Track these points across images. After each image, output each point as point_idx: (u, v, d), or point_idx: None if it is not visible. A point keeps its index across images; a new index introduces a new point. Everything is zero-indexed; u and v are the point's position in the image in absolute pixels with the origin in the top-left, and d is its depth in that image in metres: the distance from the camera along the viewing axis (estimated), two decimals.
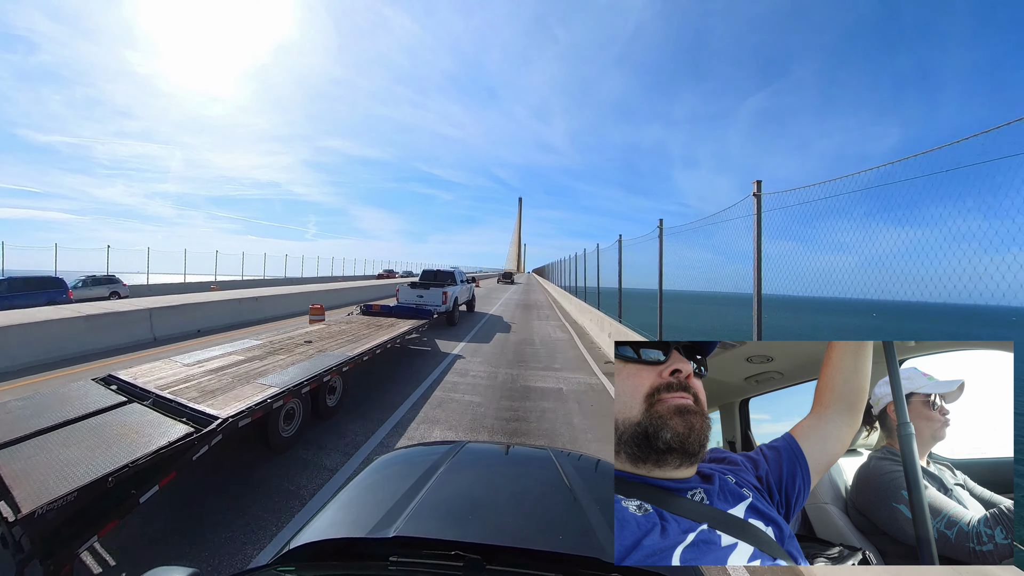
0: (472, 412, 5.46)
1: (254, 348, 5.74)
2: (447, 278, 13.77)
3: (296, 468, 3.81)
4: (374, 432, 4.70)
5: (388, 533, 1.16)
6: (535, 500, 1.47)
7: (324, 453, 4.15)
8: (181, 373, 4.36)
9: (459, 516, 1.32)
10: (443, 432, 4.80)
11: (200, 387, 3.96)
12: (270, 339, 6.41)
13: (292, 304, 15.19)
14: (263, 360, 5.12)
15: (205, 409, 3.34)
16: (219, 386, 4.03)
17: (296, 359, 5.21)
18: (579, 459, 1.82)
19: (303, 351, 5.71)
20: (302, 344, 6.15)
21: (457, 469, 1.63)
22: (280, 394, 3.88)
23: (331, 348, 5.98)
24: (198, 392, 3.80)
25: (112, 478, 2.36)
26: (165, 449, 2.71)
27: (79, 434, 2.87)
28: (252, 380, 4.24)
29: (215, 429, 3.08)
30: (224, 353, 5.34)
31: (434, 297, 12.22)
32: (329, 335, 7.00)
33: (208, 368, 4.61)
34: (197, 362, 4.82)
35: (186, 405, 3.42)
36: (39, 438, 2.79)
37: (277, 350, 5.70)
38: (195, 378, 4.22)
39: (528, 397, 6.21)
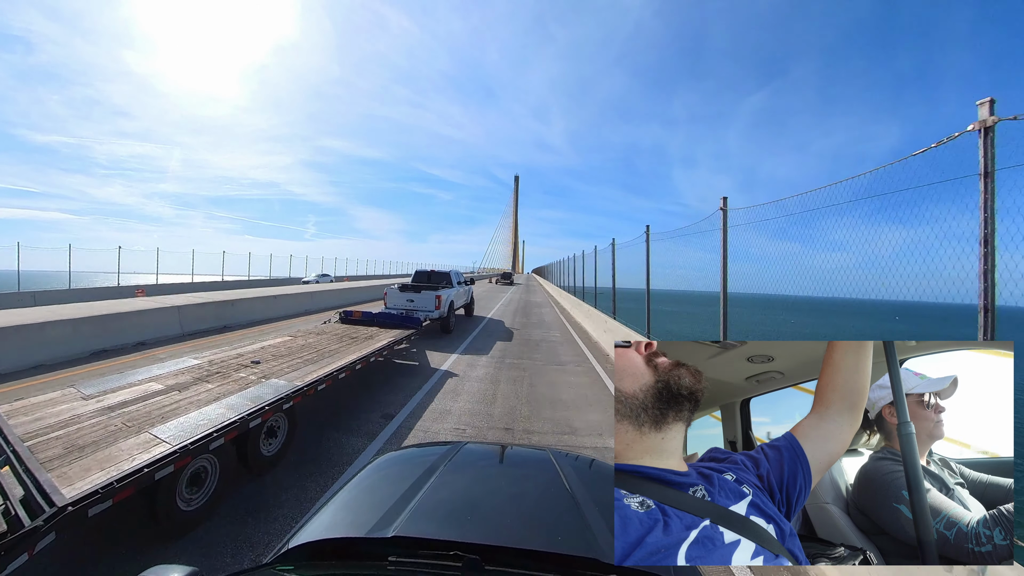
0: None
1: (184, 372, 4.62)
2: (442, 280, 12.50)
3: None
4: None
5: (387, 533, 1.15)
6: (534, 501, 1.47)
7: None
8: (68, 412, 3.38)
9: (458, 516, 1.32)
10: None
11: (67, 440, 2.93)
12: (211, 358, 5.26)
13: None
14: (184, 391, 4.00)
15: (46, 487, 2.33)
16: (96, 438, 2.98)
17: (228, 389, 4.08)
18: (578, 460, 1.82)
19: (242, 377, 4.50)
20: (247, 366, 4.96)
21: (456, 470, 1.63)
22: (169, 456, 2.76)
23: (282, 372, 4.76)
24: (61, 448, 2.81)
25: None
26: None
27: None
28: (144, 429, 3.14)
29: (35, 529, 2.04)
30: (144, 379, 4.28)
31: (426, 302, 10.68)
32: (288, 352, 5.79)
33: (104, 405, 3.59)
34: (97, 394, 3.80)
35: (25, 478, 2.45)
36: None
37: (212, 374, 4.58)
38: (73, 423, 3.20)
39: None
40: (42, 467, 2.55)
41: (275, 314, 13.78)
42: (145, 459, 2.70)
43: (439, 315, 10.70)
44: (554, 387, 6.84)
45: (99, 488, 2.36)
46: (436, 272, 13.10)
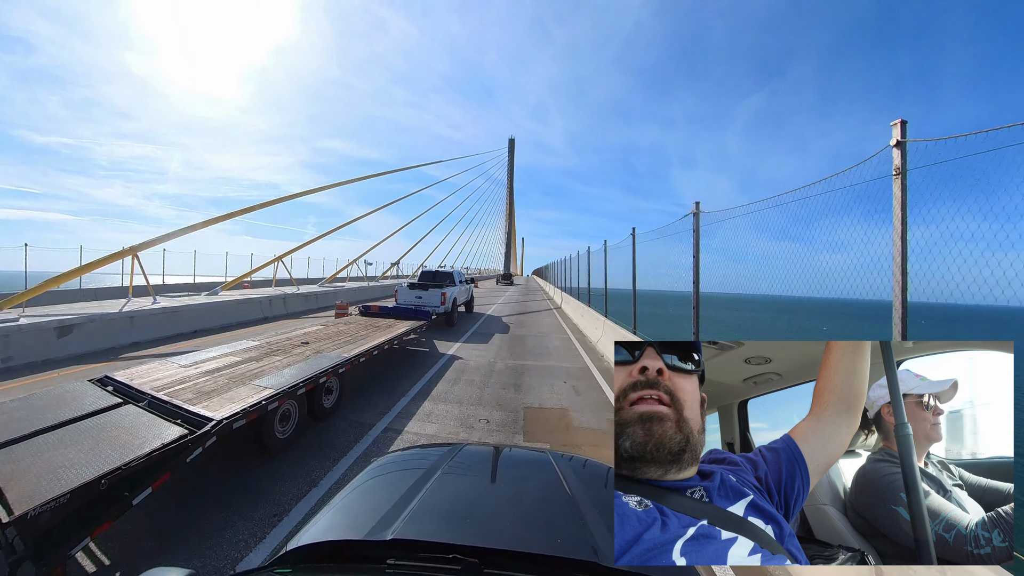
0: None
1: (251, 349, 5.76)
2: (446, 279, 13.70)
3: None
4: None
5: (385, 536, 1.15)
6: (533, 503, 1.47)
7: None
8: (178, 375, 4.37)
9: (457, 519, 1.32)
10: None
11: (196, 389, 3.96)
12: (267, 340, 6.44)
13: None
14: (259, 361, 5.13)
15: (199, 411, 3.35)
16: (215, 387, 4.03)
17: (293, 360, 5.23)
18: (577, 461, 1.82)
19: (300, 352, 5.71)
20: (299, 345, 6.15)
21: (455, 471, 1.63)
22: (275, 395, 3.92)
23: (328, 349, 5.98)
24: (193, 394, 3.80)
25: (105, 480, 2.34)
26: (158, 451, 2.71)
27: (73, 436, 2.85)
28: (248, 382, 4.26)
29: (209, 431, 3.08)
30: (221, 354, 5.36)
31: (432, 298, 12.16)
32: (327, 336, 7.02)
33: (204, 370, 4.61)
34: (194, 363, 4.83)
35: (181, 407, 3.41)
36: (33, 440, 2.77)
37: (274, 351, 5.73)
38: (191, 380, 4.23)
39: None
40: (186, 404, 3.49)
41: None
42: (259, 396, 3.80)
43: (444, 310, 12.09)
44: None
45: (237, 412, 3.44)
46: (440, 272, 14.36)
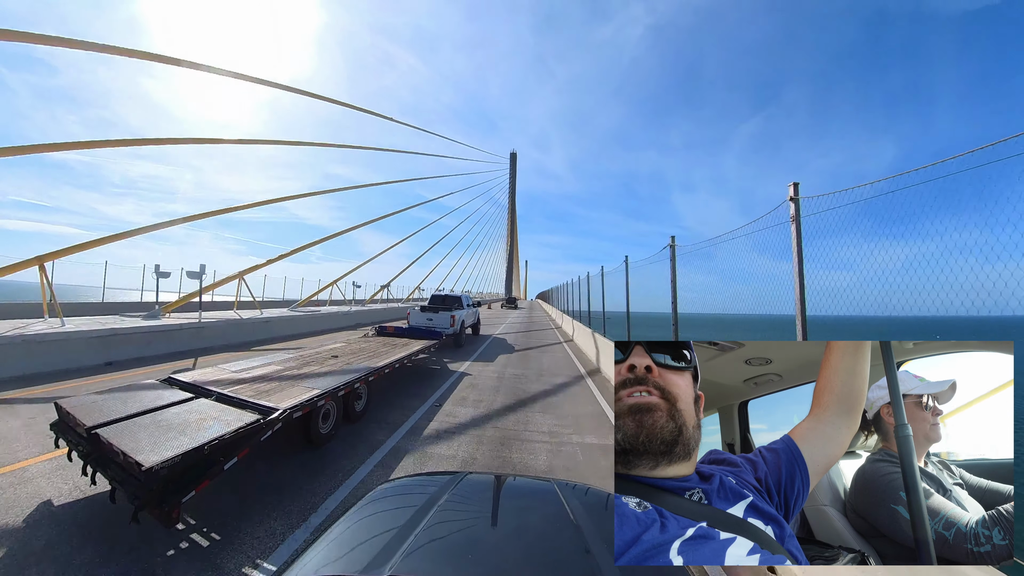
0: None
1: (289, 360, 6.50)
2: (454, 302, 14.53)
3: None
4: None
5: (382, 572, 1.10)
6: (538, 537, 1.39)
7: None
8: (233, 378, 4.99)
9: (458, 554, 1.26)
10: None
11: (254, 388, 4.62)
12: (301, 354, 7.20)
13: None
14: (300, 370, 5.83)
15: (265, 403, 3.99)
16: (270, 388, 4.71)
17: (328, 370, 5.93)
18: (586, 492, 1.73)
19: (332, 364, 6.45)
20: (330, 358, 6.89)
21: (456, 502, 1.56)
22: (323, 394, 4.57)
23: (356, 362, 6.73)
24: (253, 392, 4.44)
25: (207, 447, 3.00)
26: (243, 429, 3.37)
27: (167, 418, 3.50)
28: (296, 384, 4.92)
29: (277, 417, 3.71)
30: (264, 363, 6.05)
31: (442, 320, 12.90)
32: (352, 352, 7.78)
33: (255, 375, 5.26)
34: (242, 370, 5.48)
35: (248, 400, 4.06)
36: (133, 420, 3.40)
37: (310, 362, 6.48)
38: (246, 382, 4.87)
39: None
40: (251, 398, 4.13)
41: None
42: (310, 395, 4.42)
43: (453, 332, 12.78)
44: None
45: (296, 404, 4.07)
46: (449, 296, 15.30)
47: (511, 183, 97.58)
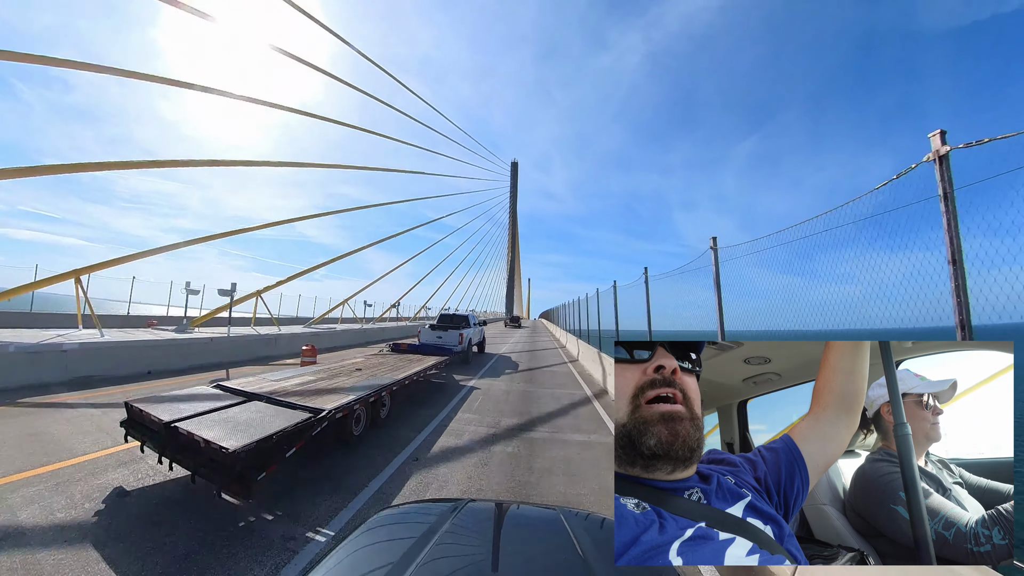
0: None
1: (319, 372, 7.12)
2: (462, 321, 15.16)
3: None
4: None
5: None
6: (542, 568, 1.34)
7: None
8: (275, 387, 5.51)
9: None
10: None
11: (297, 393, 5.15)
12: (327, 367, 7.82)
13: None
14: (330, 381, 6.39)
15: (313, 404, 4.52)
16: (313, 391, 5.32)
17: (356, 381, 6.50)
18: (591, 520, 1.68)
19: (358, 376, 7.04)
20: (355, 371, 7.50)
21: (458, 530, 1.51)
22: (359, 399, 5.14)
23: (379, 374, 7.32)
24: (298, 397, 4.93)
25: (275, 436, 3.54)
26: (302, 423, 3.93)
27: (231, 415, 4.06)
28: (331, 392, 5.45)
29: (325, 416, 4.24)
30: (297, 374, 6.64)
31: (451, 338, 13.72)
32: (373, 366, 8.41)
33: (294, 383, 5.85)
34: (281, 379, 6.10)
35: (296, 403, 4.58)
36: (204, 416, 3.95)
37: (338, 374, 7.05)
38: (287, 389, 5.39)
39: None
40: (298, 401, 4.68)
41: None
42: (348, 399, 5.00)
43: (461, 349, 13.35)
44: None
45: (340, 405, 4.65)
46: (457, 315, 15.90)
47: (512, 194, 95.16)
